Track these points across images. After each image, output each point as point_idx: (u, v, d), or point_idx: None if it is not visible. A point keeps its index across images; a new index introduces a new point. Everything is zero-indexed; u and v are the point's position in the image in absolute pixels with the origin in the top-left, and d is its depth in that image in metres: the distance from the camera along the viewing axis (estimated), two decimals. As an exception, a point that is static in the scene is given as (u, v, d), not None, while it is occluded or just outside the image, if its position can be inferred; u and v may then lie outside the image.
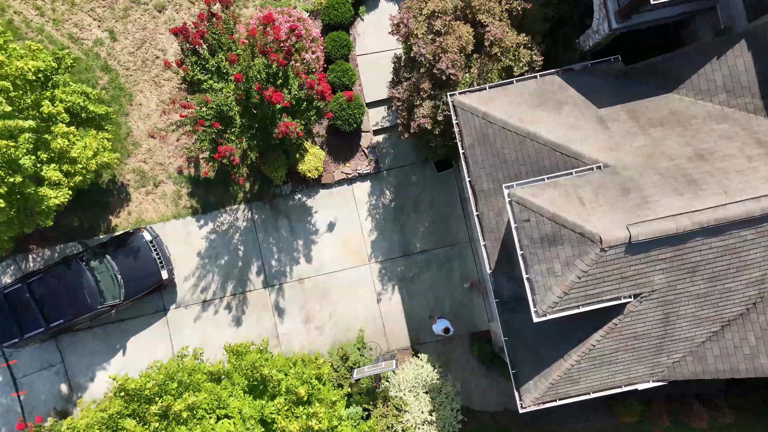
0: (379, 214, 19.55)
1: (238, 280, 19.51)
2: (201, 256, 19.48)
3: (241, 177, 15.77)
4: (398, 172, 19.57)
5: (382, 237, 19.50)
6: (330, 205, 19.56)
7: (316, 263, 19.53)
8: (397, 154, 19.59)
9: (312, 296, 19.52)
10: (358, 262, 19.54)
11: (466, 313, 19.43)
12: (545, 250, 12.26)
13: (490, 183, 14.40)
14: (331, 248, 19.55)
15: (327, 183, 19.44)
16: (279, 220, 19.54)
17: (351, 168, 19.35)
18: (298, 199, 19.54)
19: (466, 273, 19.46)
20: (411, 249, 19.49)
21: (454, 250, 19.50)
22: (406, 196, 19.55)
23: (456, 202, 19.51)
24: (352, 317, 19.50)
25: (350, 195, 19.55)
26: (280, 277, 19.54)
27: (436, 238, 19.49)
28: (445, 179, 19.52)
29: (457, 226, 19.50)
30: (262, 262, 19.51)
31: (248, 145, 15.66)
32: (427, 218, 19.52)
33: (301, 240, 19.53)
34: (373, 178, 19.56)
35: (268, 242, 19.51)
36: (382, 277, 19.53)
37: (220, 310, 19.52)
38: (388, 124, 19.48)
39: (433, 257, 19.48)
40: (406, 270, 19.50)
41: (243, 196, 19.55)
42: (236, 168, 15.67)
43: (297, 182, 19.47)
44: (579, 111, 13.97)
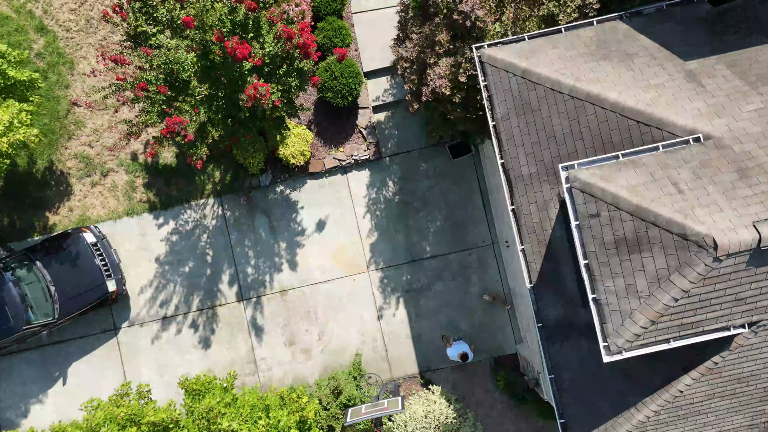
0: (380, 211, 15.57)
1: (206, 291, 15.54)
2: (160, 263, 15.51)
3: (199, 160, 11.77)
4: (404, 158, 15.60)
5: (383, 239, 15.53)
6: (319, 199, 15.59)
7: (303, 271, 15.56)
8: (402, 137, 15.62)
9: (297, 312, 15.55)
10: (355, 270, 15.57)
11: (488, 333, 15.45)
12: (623, 258, 8.28)
13: (531, 166, 10.42)
14: (321, 253, 15.58)
15: (316, 172, 15.47)
16: (256, 218, 15.58)
17: (345, 153, 15.39)
18: (280, 192, 15.58)
19: (487, 284, 15.48)
20: (419, 254, 15.53)
21: (473, 256, 15.53)
22: (414, 189, 15.57)
23: (475, 196, 15.54)
24: (347, 338, 15.53)
25: (344, 187, 15.59)
26: (258, 288, 15.57)
27: (450, 241, 15.52)
28: (461, 168, 15.55)
29: (476, 226, 15.52)
30: (235, 270, 15.55)
31: (208, 118, 11.68)
32: (439, 216, 15.55)
33: (283, 242, 15.57)
34: (372, 167, 15.59)
35: (243, 245, 15.55)
36: (384, 288, 15.56)
37: (183, 329, 15.54)
38: (392, 99, 15.51)
39: (447, 264, 15.50)
40: (414, 280, 15.53)
41: (212, 188, 15.58)
42: (192, 148, 11.67)
43: (278, 171, 15.50)
44: (658, 65, 9.97)
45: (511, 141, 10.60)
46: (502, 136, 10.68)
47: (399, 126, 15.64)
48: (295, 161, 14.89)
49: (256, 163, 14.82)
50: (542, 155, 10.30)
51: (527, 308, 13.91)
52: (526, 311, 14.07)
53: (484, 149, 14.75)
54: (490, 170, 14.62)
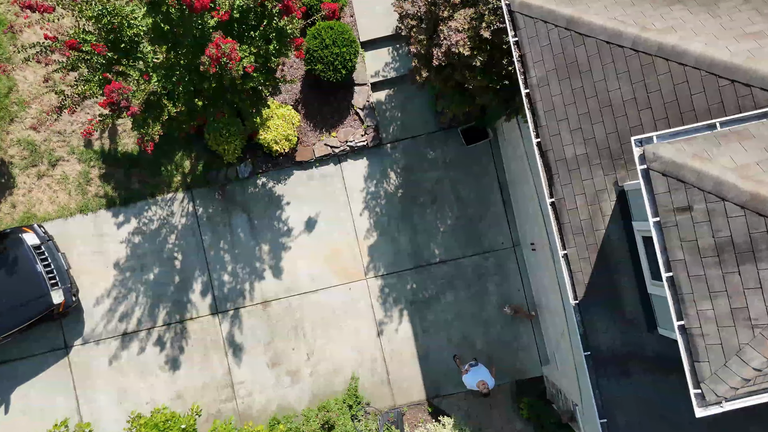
0: (380, 208, 13.03)
1: (174, 303, 12.98)
2: (120, 268, 12.95)
3: (149, 141, 9.19)
4: (409, 145, 13.05)
5: (384, 241, 12.99)
6: (308, 193, 13.04)
7: (289, 279, 13.00)
8: (406, 119, 13.05)
9: (282, 328, 12.99)
10: (350, 277, 13.01)
11: (508, 352, 12.89)
12: (728, 271, 5.72)
13: (578, 146, 7.85)
14: (311, 257, 13.03)
15: (304, 161, 12.91)
16: (234, 216, 13.02)
17: (339, 139, 12.83)
18: (262, 184, 13.02)
19: (508, 294, 12.92)
20: (427, 259, 12.97)
21: (490, 261, 12.96)
22: (420, 181, 13.02)
23: (493, 190, 12.98)
24: (341, 358, 12.97)
25: (338, 179, 13.03)
26: (236, 299, 13.02)
27: (463, 243, 12.97)
28: (476, 156, 12.99)
29: (494, 225, 12.97)
30: (209, 277, 12.99)
31: (163, 87, 9.11)
32: (449, 213, 13.00)
33: (266, 245, 13.01)
34: (371, 155, 13.03)
35: (218, 248, 12.99)
36: (385, 299, 13.00)
37: (147, 348, 12.98)
38: (394, 74, 12.94)
39: (459, 271, 12.95)
40: (420, 289, 12.97)
41: (182, 180, 13.01)
42: (140, 125, 9.11)
43: (259, 160, 12.93)
44: (753, 8, 7.41)
45: (551, 114, 8.03)
46: (538, 108, 8.11)
47: (403, 106, 13.07)
48: (279, 148, 12.33)
49: (232, 150, 12.27)
50: (593, 131, 7.73)
51: (556, 324, 11.36)
52: (555, 327, 11.52)
53: (504, 133, 12.18)
54: (512, 157, 12.05)
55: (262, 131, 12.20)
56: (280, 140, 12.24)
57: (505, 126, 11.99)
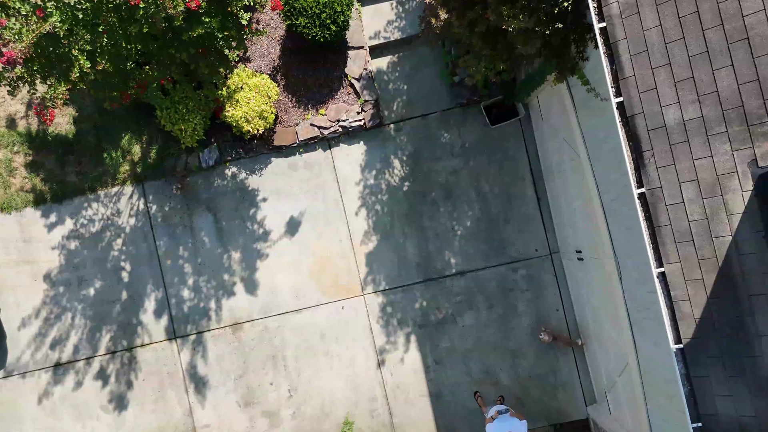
0: (381, 205, 10.19)
1: (120, 325, 10.16)
2: (52, 282, 10.13)
3: (49, 108, 6.38)
4: (417, 126, 10.21)
5: (386, 247, 10.14)
6: (291, 187, 10.20)
7: (265, 296, 10.16)
8: (414, 93, 10.21)
9: (257, 356, 10.15)
10: (343, 293, 10.17)
11: (543, 389, 10.03)
12: None
13: (686, 106, 5.01)
14: (293, 268, 10.18)
15: (285, 146, 10.06)
16: (197, 216, 10.19)
17: (329, 118, 9.97)
18: (231, 175, 10.19)
19: (543, 315, 10.07)
20: (439, 270, 10.12)
21: (520, 273, 10.11)
22: (432, 172, 10.18)
23: (524, 182, 10.13)
24: (331, 396, 10.12)
25: (328, 169, 10.19)
26: (199, 320, 10.18)
27: (486, 250, 10.11)
28: (503, 139, 10.14)
29: (525, 228, 10.11)
30: (164, 293, 10.16)
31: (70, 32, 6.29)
32: (468, 212, 10.15)
33: (236, 252, 10.17)
34: (370, 138, 10.19)
35: (177, 257, 10.16)
36: (387, 321, 10.16)
37: (86, 382, 10.14)
38: (399, 35, 10.07)
39: (481, 285, 10.10)
40: (431, 308, 10.13)
41: (130, 170, 10.18)
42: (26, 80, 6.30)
43: (227, 144, 10.09)
44: None
45: (642, 58, 5.17)
46: (621, 50, 5.26)
47: (410, 76, 10.22)
48: (252, 128, 9.49)
49: (190, 131, 9.44)
50: (715, 81, 4.87)
51: (611, 357, 8.52)
52: (610, 361, 8.69)
53: (541, 108, 9.32)
54: (552, 140, 9.19)
55: (229, 106, 9.36)
56: (252, 118, 9.40)
57: (542, 99, 9.13)
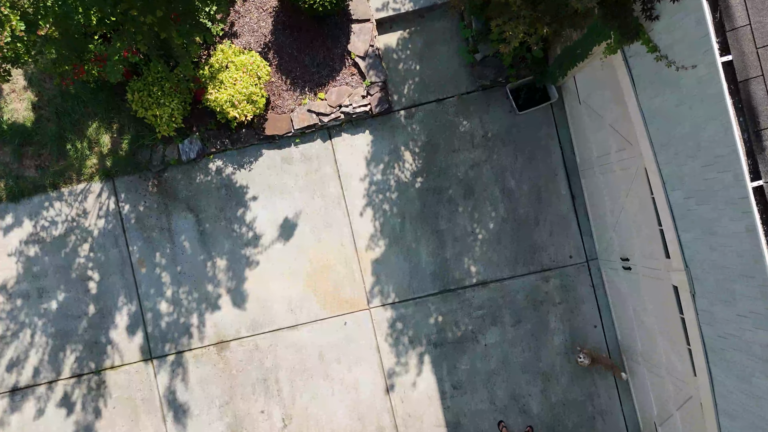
0: (390, 204, 8.73)
1: (87, 344, 8.70)
2: (8, 294, 8.67)
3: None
4: (432, 112, 8.73)
5: (395, 253, 8.68)
6: (285, 183, 8.73)
7: (256, 310, 8.70)
8: (428, 73, 8.73)
9: (246, 380, 8.69)
10: (346, 306, 8.70)
11: (579, 418, 8.55)
12: None
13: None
14: (288, 277, 8.72)
15: (278, 136, 8.59)
16: (176, 218, 8.73)
17: (330, 103, 8.51)
18: (216, 170, 8.73)
19: (579, 333, 8.59)
20: (458, 279, 8.65)
21: (552, 283, 8.64)
22: (449, 166, 8.71)
23: (556, 178, 8.66)
24: (332, 426, 8.64)
25: (328, 162, 8.73)
26: (179, 338, 8.72)
27: (513, 257, 8.65)
28: (532, 128, 8.67)
29: (558, 230, 8.64)
30: (139, 307, 8.71)
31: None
32: (492, 213, 8.69)
33: (222, 259, 8.71)
34: (377, 126, 8.72)
35: (153, 264, 8.70)
36: (397, 339, 8.69)
37: (48, 410, 8.69)
38: (411, 6, 8.59)
39: (507, 298, 8.63)
40: (448, 324, 8.66)
41: (99, 163, 8.72)
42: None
43: (211, 133, 8.62)
44: None
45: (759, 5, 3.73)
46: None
47: (423, 55, 8.75)
48: (239, 114, 8.04)
49: (167, 118, 7.99)
50: None
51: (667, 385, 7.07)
52: (664, 390, 7.22)
53: (579, 90, 7.85)
54: (591, 127, 7.73)
55: (212, 88, 7.91)
56: (239, 102, 7.94)
57: (581, 78, 7.67)
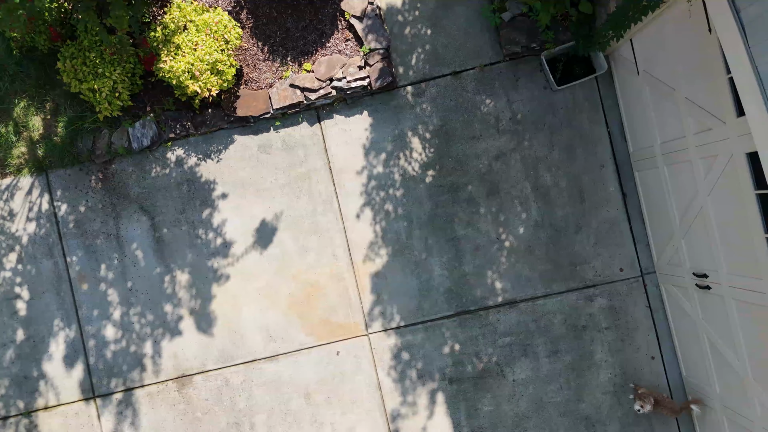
0: (393, 205, 6.91)
1: (14, 380, 6.88)
2: None
3: None
4: (446, 88, 6.90)
5: (400, 266, 6.86)
6: (262, 178, 6.93)
7: (225, 336, 6.88)
8: (442, 41, 6.92)
9: (213, 425, 6.85)
10: (338, 332, 6.88)
11: (632, 473, 6.75)
12: None
13: None
14: (265, 296, 6.90)
15: (252, 117, 6.78)
16: (126, 222, 6.93)
17: (319, 75, 6.71)
18: (176, 162, 6.93)
19: (632, 366, 6.77)
20: (478, 299, 6.84)
21: (597, 303, 6.83)
22: (467, 157, 6.89)
23: (603, 172, 6.85)
24: (321, 483, 6.86)
25: (316, 152, 6.92)
26: (128, 372, 6.90)
27: (548, 271, 6.83)
28: (572, 109, 6.86)
29: (604, 238, 6.82)
30: (79, 333, 6.90)
31: None
32: (522, 215, 6.88)
33: (183, 272, 6.90)
34: (377, 106, 6.92)
35: (97, 279, 6.90)
36: (402, 373, 6.87)
37: (-35, 462, 6.92)
38: (421, -47, 6.86)
39: (540, 322, 6.81)
40: (466, 354, 6.83)
41: (28, 153, 6.93)
42: None
43: (169, 115, 6.80)
44: None
45: None
46: None
47: (435, 15, 6.95)
48: (201, 89, 6.24)
49: (108, 93, 6.20)
50: None
51: None
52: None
53: (639, 56, 6.05)
54: (656, 104, 5.92)
55: (166, 55, 6.13)
56: (201, 73, 6.15)
57: (643, 41, 5.88)
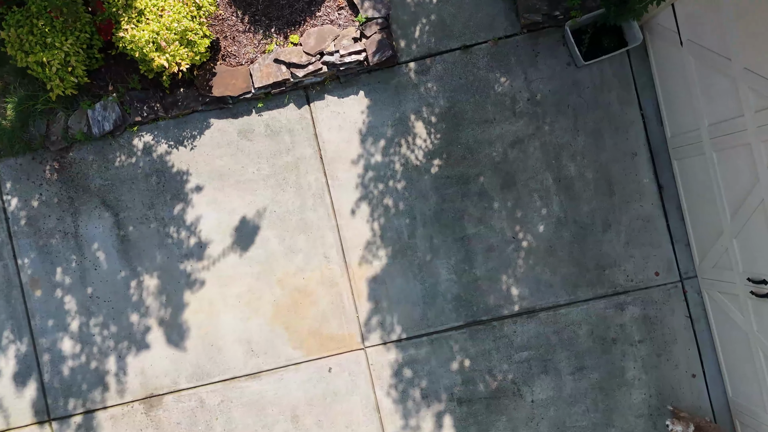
0: (393, 199, 5.99)
1: (-42, 400, 6.00)
2: None
3: None
4: (455, 64, 5.97)
5: (402, 269, 5.93)
6: (244, 168, 6.00)
7: (200, 350, 5.95)
8: (451, 9, 5.94)
9: (185, 453, 5.97)
10: (329, 345, 5.95)
11: None
12: None
13: None
14: (246, 304, 5.97)
15: (231, 97, 5.86)
16: (85, 217, 6.00)
17: (308, 49, 5.79)
18: (143, 149, 5.99)
19: (667, 385, 5.85)
20: (491, 307, 5.91)
21: (628, 313, 5.90)
22: (478, 144, 5.97)
23: (636, 161, 5.91)
24: None
25: (305, 137, 5.99)
26: (89, 391, 5.98)
27: (572, 275, 5.91)
28: (599, 88, 5.93)
29: (637, 237, 5.89)
30: (31, 347, 5.97)
31: None
32: (542, 211, 5.96)
33: (151, 277, 5.98)
34: (375, 85, 5.99)
35: (52, 285, 5.97)
36: (404, 393, 5.95)
37: None
38: None
39: (562, 333, 5.89)
40: (478, 372, 5.91)
41: (-25, 140, 6.03)
42: None
43: (134, 94, 5.87)
44: None
45: None
46: None
47: (442, -18, 6.05)
48: (169, 63, 5.29)
49: (59, 69, 5.27)
50: None
51: None
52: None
53: (682, 25, 5.13)
54: (703, 80, 4.99)
55: (126, 22, 5.20)
56: (169, 45, 5.22)
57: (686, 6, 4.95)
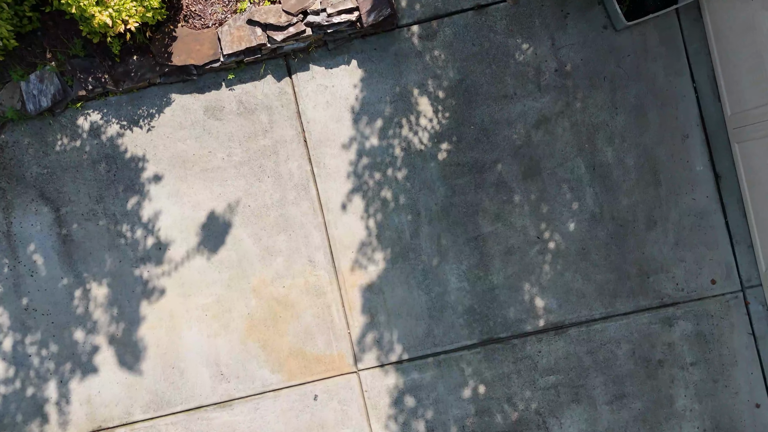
0: (391, 191, 4.95)
1: None
2: None
3: None
4: (466, 28, 4.94)
5: (402, 276, 4.89)
6: (211, 153, 4.95)
7: (159, 374, 4.91)
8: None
9: (140, 498, 4.93)
10: (315, 368, 4.91)
11: None
12: None
13: None
14: (213, 319, 4.94)
15: (195, 67, 4.83)
16: (17, 213, 4.95)
17: (287, 7, 4.75)
18: (89, 129, 4.96)
19: (726, 417, 4.81)
20: (512, 321, 4.88)
21: (677, 329, 4.87)
22: (496, 125, 4.93)
23: (686, 145, 4.88)
24: None
25: (285, 116, 4.96)
26: (25, 424, 4.93)
27: (609, 283, 4.87)
28: (642, 57, 4.91)
29: (687, 238, 4.86)
30: (-45, 369, 4.95)
31: None
32: (573, 206, 4.92)
33: (100, 285, 4.94)
34: (370, 54, 4.95)
35: (-20, 293, 4.96)
36: (406, 425, 4.88)
37: None
38: None
39: (597, 353, 4.85)
40: (495, 400, 4.87)
41: None
42: None
43: (78, 62, 4.83)
44: None
45: None
46: None
47: (453, -72, 5.01)
48: (115, 23, 4.25)
49: (-20, 26, 4.22)
50: None
51: None
52: None
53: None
54: None
55: (60, -32, 4.14)
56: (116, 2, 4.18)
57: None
